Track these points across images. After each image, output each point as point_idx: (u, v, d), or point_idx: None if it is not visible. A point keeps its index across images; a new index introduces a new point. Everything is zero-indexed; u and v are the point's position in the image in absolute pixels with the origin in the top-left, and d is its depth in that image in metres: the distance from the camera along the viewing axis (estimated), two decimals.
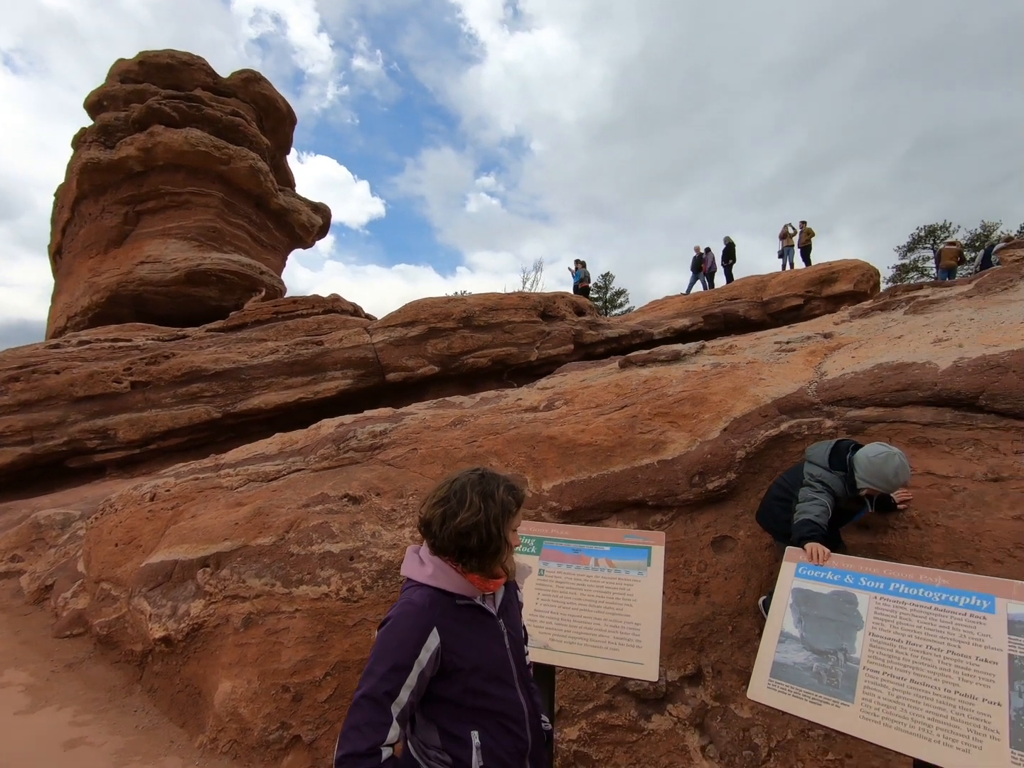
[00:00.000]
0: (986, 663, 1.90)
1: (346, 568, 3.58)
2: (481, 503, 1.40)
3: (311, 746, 3.19)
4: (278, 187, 15.51)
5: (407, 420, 4.74)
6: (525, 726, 1.44)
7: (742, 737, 2.98)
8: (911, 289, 5.42)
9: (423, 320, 10.33)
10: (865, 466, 2.67)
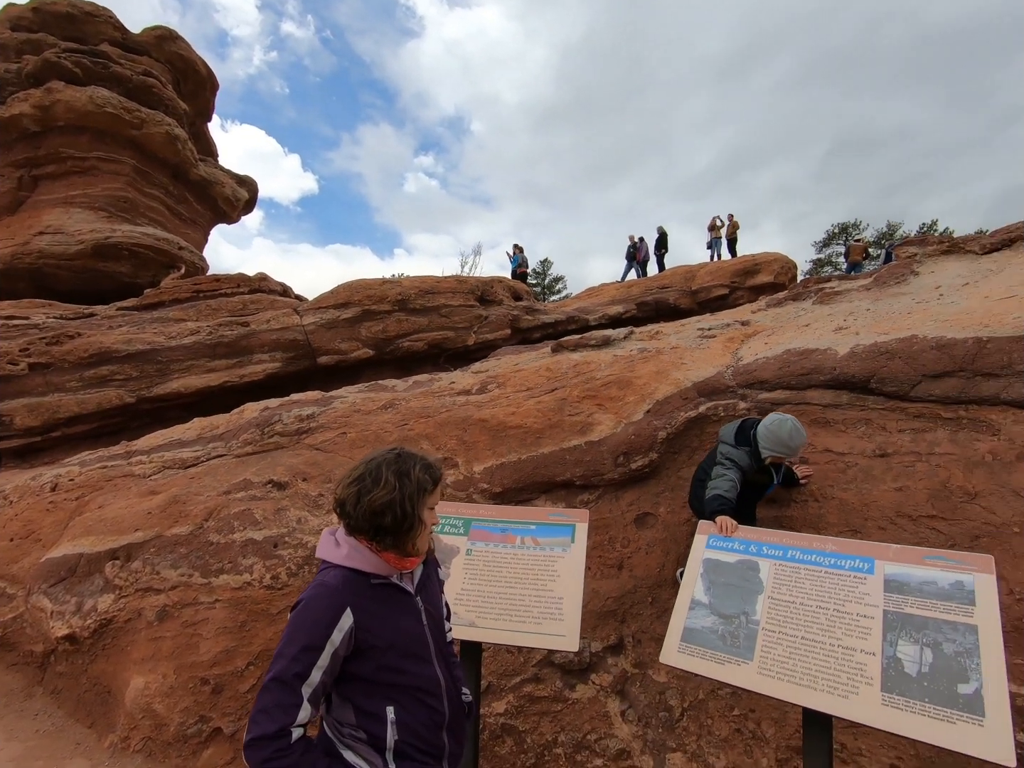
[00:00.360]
0: (865, 618, 2.11)
1: (270, 555, 3.47)
2: (396, 481, 1.39)
3: (233, 738, 3.11)
4: (198, 157, 14.50)
5: (336, 404, 4.63)
6: (442, 699, 1.46)
7: (658, 700, 3.17)
8: (821, 281, 5.82)
9: (357, 302, 10.05)
10: (765, 435, 2.88)
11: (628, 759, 3.07)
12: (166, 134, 12.81)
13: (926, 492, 2.84)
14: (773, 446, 2.85)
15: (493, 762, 3.14)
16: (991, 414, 2.79)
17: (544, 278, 37.76)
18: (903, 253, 5.02)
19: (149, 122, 12.54)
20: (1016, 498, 2.58)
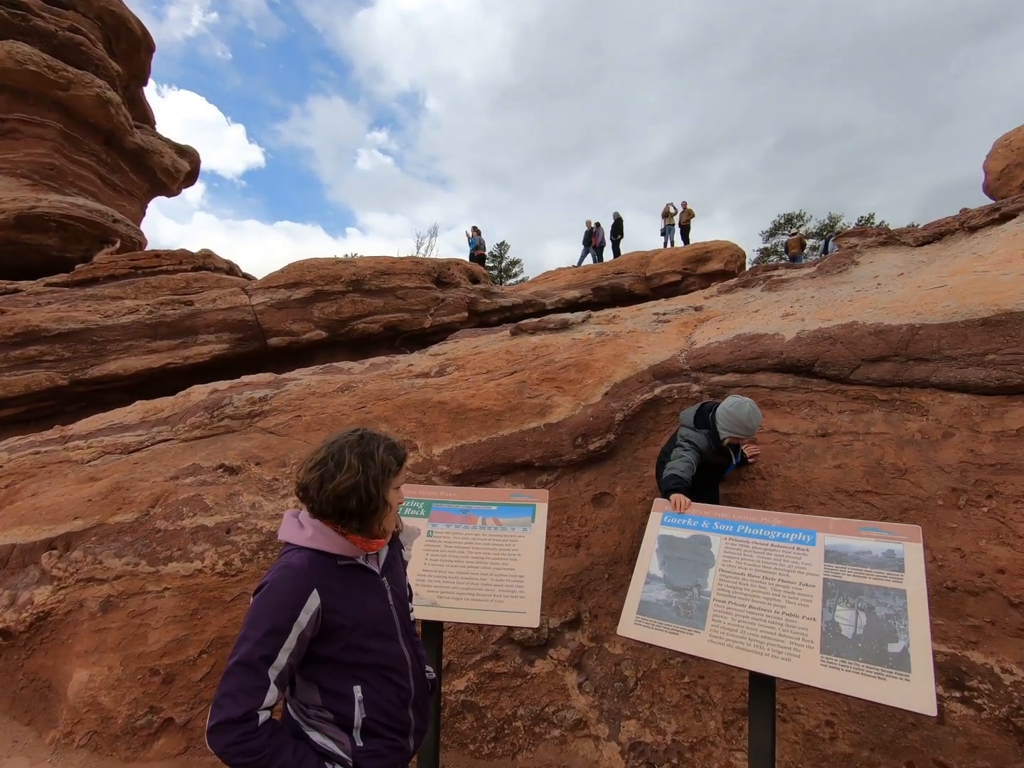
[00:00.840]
0: (806, 587, 2.25)
1: (222, 542, 3.37)
2: (360, 464, 1.38)
3: (185, 727, 3.04)
4: (134, 123, 13.57)
5: (290, 386, 4.50)
6: (408, 676, 1.48)
7: (614, 671, 3.29)
8: (769, 269, 6.04)
9: (309, 282, 9.73)
10: (724, 417, 3.00)
11: (584, 728, 3.18)
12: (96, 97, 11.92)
13: (862, 469, 3.03)
14: (732, 427, 2.97)
15: (454, 738, 3.19)
16: (921, 396, 2.99)
17: (501, 261, 37.61)
18: (844, 244, 5.27)
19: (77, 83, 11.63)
20: (941, 473, 2.79)
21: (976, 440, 2.75)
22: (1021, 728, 2.30)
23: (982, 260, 3.42)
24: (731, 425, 2.97)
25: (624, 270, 15.03)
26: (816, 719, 2.72)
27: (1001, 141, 7.75)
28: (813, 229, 33.65)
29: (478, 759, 3.15)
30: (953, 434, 2.83)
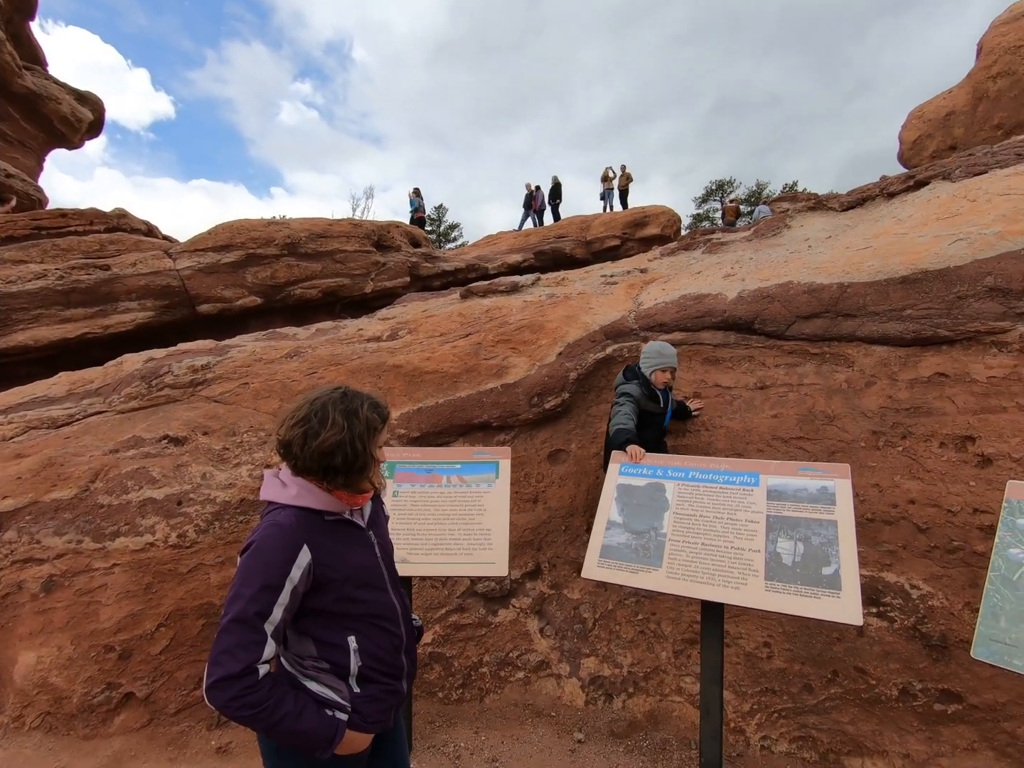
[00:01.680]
0: (751, 523, 2.46)
1: (174, 514, 3.26)
2: (344, 421, 1.38)
3: (147, 700, 2.98)
4: (21, 64, 12.07)
5: (234, 353, 4.31)
6: (399, 624, 1.53)
7: (573, 615, 3.49)
8: (707, 233, 6.27)
9: (240, 245, 9.19)
10: (643, 358, 3.37)
11: (547, 668, 3.38)
12: None
13: (796, 417, 3.30)
14: (650, 359, 3.32)
15: (423, 688, 3.31)
16: (848, 349, 3.27)
17: (440, 225, 36.75)
18: (778, 208, 5.54)
19: None
20: (864, 418, 3.08)
21: (894, 387, 3.05)
22: (925, 634, 2.66)
23: (901, 223, 3.72)
24: (649, 358, 3.32)
25: (565, 234, 15.11)
26: (755, 642, 3.02)
27: (915, 113, 8.29)
28: (742, 195, 34.89)
29: (447, 705, 3.29)
30: (875, 383, 3.12)
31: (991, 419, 2.72)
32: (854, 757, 2.73)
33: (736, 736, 2.95)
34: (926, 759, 2.58)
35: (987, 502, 2.60)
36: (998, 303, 2.80)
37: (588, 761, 2.81)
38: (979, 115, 6.84)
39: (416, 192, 16.02)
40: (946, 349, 2.94)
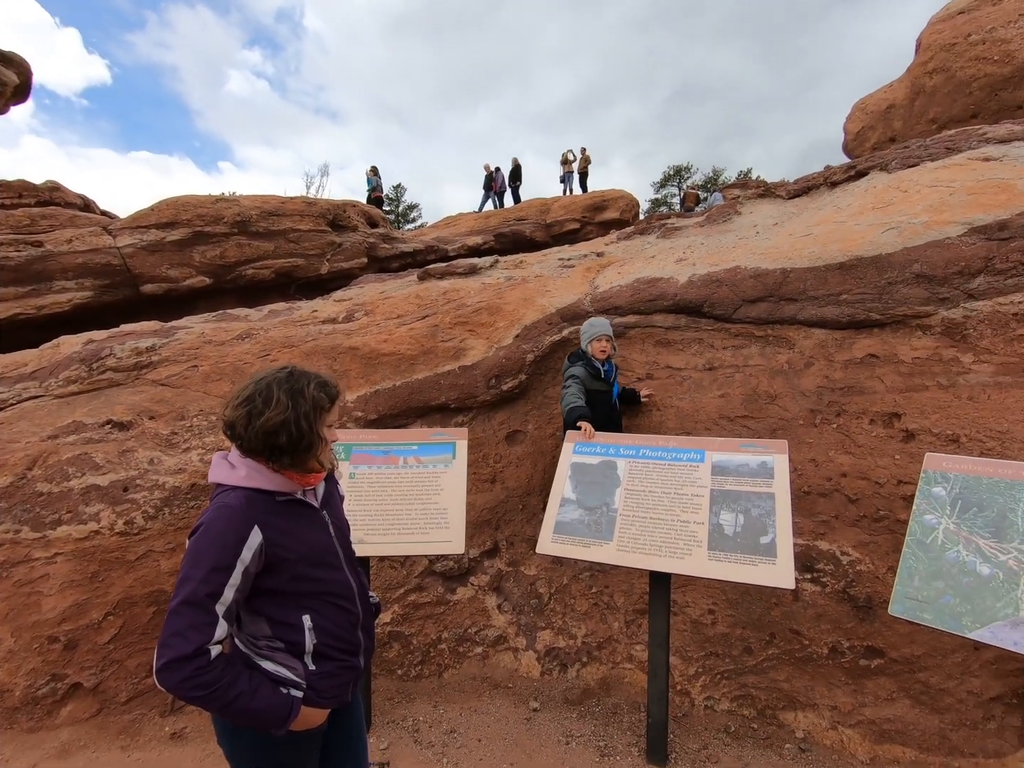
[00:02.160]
0: (697, 497, 2.59)
1: (120, 500, 3.17)
2: (289, 400, 1.37)
3: (96, 690, 2.92)
4: None
5: (181, 335, 4.17)
6: (355, 601, 1.55)
7: (530, 590, 3.59)
8: (663, 218, 6.39)
9: (186, 222, 8.79)
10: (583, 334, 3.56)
11: (505, 642, 3.48)
12: None
13: (741, 397, 3.45)
14: (585, 335, 3.52)
15: (382, 666, 3.35)
16: (789, 332, 3.43)
17: (398, 205, 35.99)
18: (730, 195, 5.69)
19: None
20: (803, 397, 3.26)
21: (830, 368, 3.23)
22: (853, 596, 2.87)
23: (840, 212, 3.90)
24: (585, 335, 3.52)
25: (525, 217, 15.08)
26: (701, 609, 3.19)
27: (858, 105, 8.62)
28: (699, 181, 35.52)
29: (406, 682, 3.35)
30: (813, 364, 3.29)
31: (915, 397, 2.93)
32: (788, 711, 2.94)
33: (682, 698, 3.12)
34: (851, 709, 2.80)
35: (910, 474, 2.80)
36: (923, 289, 2.99)
37: (543, 728, 2.92)
38: (916, 109, 7.18)
39: (374, 170, 15.63)
40: (877, 332, 3.13)
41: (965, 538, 2.06)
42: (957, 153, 3.86)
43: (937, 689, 2.69)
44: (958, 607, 1.95)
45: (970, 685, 2.64)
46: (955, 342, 2.91)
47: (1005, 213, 3.00)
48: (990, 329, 2.81)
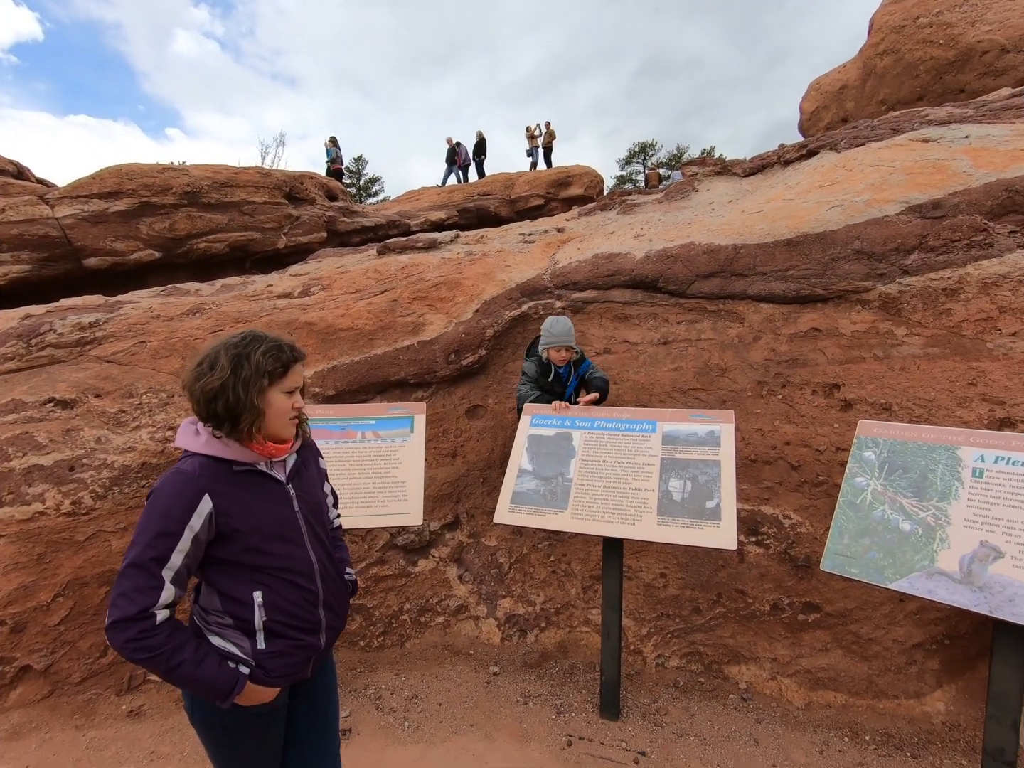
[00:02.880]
0: (648, 465, 2.68)
1: (66, 480, 3.07)
2: (230, 366, 1.33)
3: (47, 671, 2.87)
4: None
5: (127, 310, 4.01)
6: (315, 579, 1.50)
7: (490, 560, 3.67)
8: (623, 194, 6.43)
9: (131, 192, 8.36)
10: (541, 336, 3.24)
11: (466, 611, 3.56)
12: None
13: (694, 370, 3.56)
14: (543, 339, 3.22)
15: (344, 639, 3.39)
16: (739, 306, 3.55)
17: (359, 178, 34.95)
18: (688, 172, 5.76)
19: None
20: (751, 370, 3.39)
21: (777, 341, 3.36)
22: (793, 556, 3.04)
23: (791, 190, 4.01)
24: (543, 339, 3.21)
25: (489, 192, 14.89)
26: (653, 573, 3.33)
27: (814, 84, 8.78)
28: (664, 159, 35.66)
29: (368, 652, 3.40)
30: (761, 337, 3.42)
31: (853, 368, 3.08)
32: (733, 665, 3.12)
33: (635, 657, 3.27)
34: (789, 661, 3.00)
35: (847, 441, 2.96)
36: (863, 264, 3.13)
37: (502, 690, 3.02)
38: (867, 90, 7.37)
39: (333, 141, 15.11)
40: (820, 306, 3.26)
41: (890, 498, 2.21)
42: (900, 134, 4.00)
43: (866, 639, 2.90)
44: (882, 561, 2.11)
45: (895, 634, 2.85)
46: (890, 316, 3.06)
47: (939, 193, 3.15)
48: (922, 303, 2.96)
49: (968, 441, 2.16)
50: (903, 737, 2.63)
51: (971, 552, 1.95)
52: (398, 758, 2.53)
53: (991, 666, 1.94)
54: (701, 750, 2.58)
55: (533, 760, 2.52)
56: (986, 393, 2.73)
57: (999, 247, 2.89)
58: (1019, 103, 4.01)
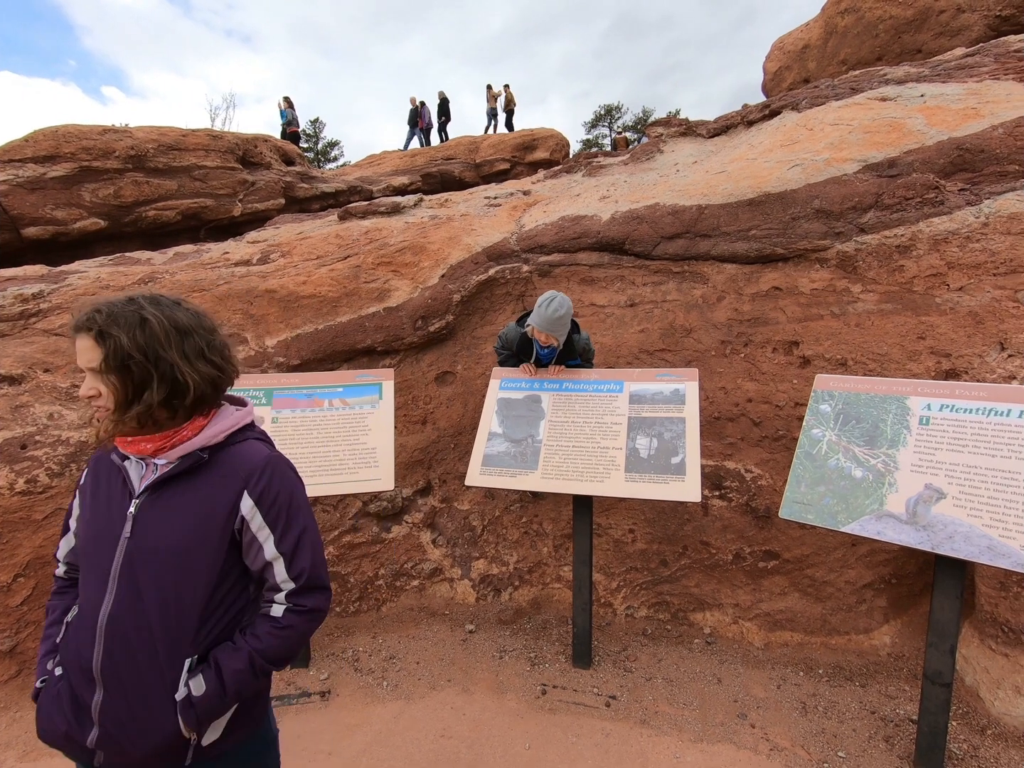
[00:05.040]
0: (616, 424, 2.73)
1: (18, 459, 2.96)
2: None
3: (12, 652, 2.81)
4: None
5: (73, 280, 3.81)
6: (95, 631, 1.07)
7: (463, 524, 3.71)
8: (590, 157, 6.35)
9: (69, 155, 7.84)
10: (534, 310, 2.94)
11: (440, 574, 3.62)
12: None
13: (659, 332, 3.61)
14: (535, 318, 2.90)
15: None
16: (704, 267, 3.58)
17: (317, 141, 33.53)
18: (652, 133, 5.71)
19: None
20: (715, 329, 3.45)
21: (740, 301, 3.42)
22: (754, 508, 3.17)
23: (754, 149, 4.03)
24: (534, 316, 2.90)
25: (453, 156, 14.52)
26: (622, 530, 3.43)
27: (776, 44, 8.74)
28: (630, 122, 35.25)
29: (344, 618, 3.43)
30: (724, 297, 3.48)
31: (811, 326, 3.17)
32: (697, 612, 3.28)
33: (606, 609, 3.40)
34: (750, 605, 3.16)
35: (805, 396, 3.07)
36: (822, 223, 3.19)
37: (478, 646, 3.11)
38: (829, 50, 7.38)
39: (287, 102, 14.39)
40: (781, 266, 3.32)
41: (844, 447, 2.31)
42: (859, 93, 4.04)
43: (821, 582, 3.07)
44: (835, 507, 2.22)
45: (847, 576, 3.03)
46: (847, 274, 3.15)
47: (895, 151, 3.21)
48: (876, 261, 3.05)
49: (916, 391, 2.26)
50: (853, 669, 2.82)
51: (916, 494, 2.07)
52: (379, 715, 2.60)
53: (932, 598, 2.09)
54: (668, 691, 2.72)
55: (510, 709, 2.61)
56: (934, 346, 2.85)
57: (949, 204, 2.98)
58: (972, 62, 4.08)
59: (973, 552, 1.89)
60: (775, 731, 2.45)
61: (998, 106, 3.31)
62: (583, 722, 2.52)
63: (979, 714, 2.47)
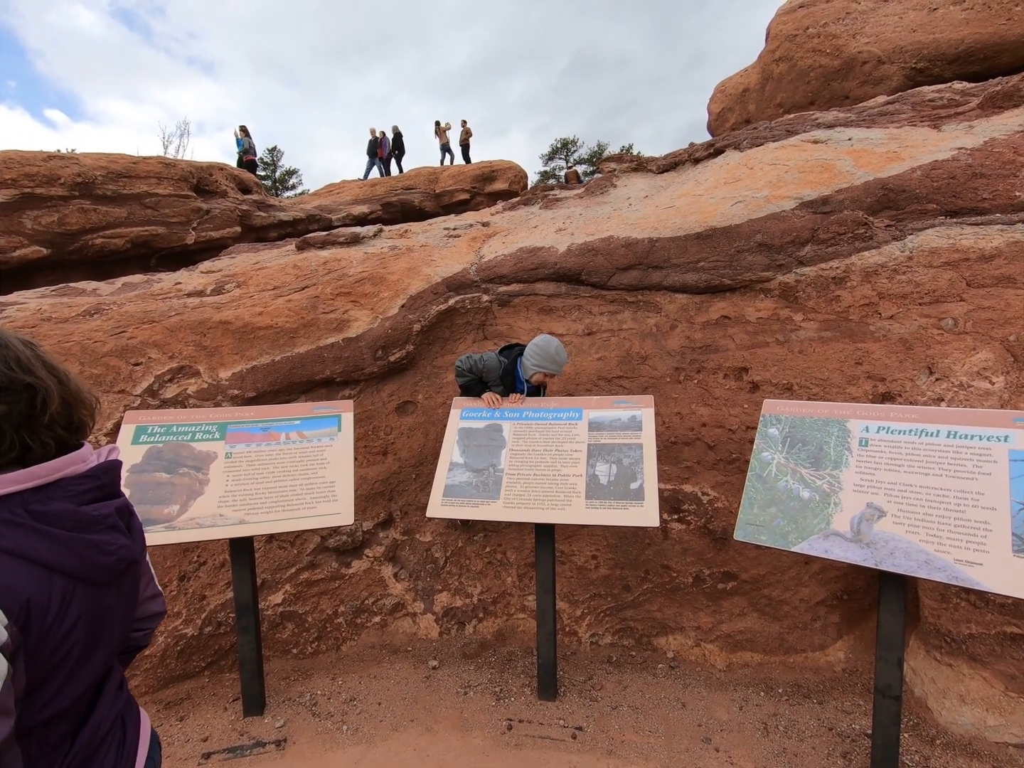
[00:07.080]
0: (576, 452, 2.77)
1: None
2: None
3: None
4: None
5: (11, 312, 3.64)
6: None
7: (426, 556, 3.66)
8: (546, 189, 6.54)
9: (10, 182, 7.56)
10: (535, 353, 3.04)
11: (403, 609, 3.54)
12: None
13: (616, 359, 3.71)
14: (543, 362, 3.02)
15: (276, 647, 3.28)
16: (656, 297, 3.72)
17: (274, 170, 33.32)
18: (606, 168, 5.94)
19: None
20: (669, 357, 3.57)
21: (691, 329, 3.56)
22: (712, 530, 3.25)
23: (700, 186, 4.25)
24: (543, 360, 3.02)
25: (414, 186, 14.69)
26: (585, 557, 3.45)
27: (719, 87, 9.30)
28: (585, 155, 36.51)
29: (302, 659, 3.31)
30: (677, 326, 3.61)
31: (759, 352, 3.32)
32: (661, 637, 3.30)
33: (571, 638, 3.39)
34: (712, 627, 3.21)
35: (755, 420, 3.19)
36: (765, 256, 3.37)
37: (442, 683, 3.04)
38: (767, 93, 7.91)
39: (244, 131, 14.31)
40: (729, 295, 3.49)
41: (792, 469, 2.41)
42: (794, 135, 4.33)
43: (778, 600, 3.15)
44: (786, 527, 2.30)
45: (802, 594, 3.12)
46: (789, 303, 3.33)
47: (827, 190, 3.45)
48: (815, 291, 3.24)
49: (856, 414, 2.39)
50: (810, 686, 2.89)
51: (859, 513, 2.17)
52: (338, 762, 2.49)
53: (878, 613, 2.18)
54: (634, 719, 2.71)
55: (475, 747, 2.55)
56: (870, 371, 3.03)
57: (878, 239, 3.21)
58: (892, 110, 4.45)
59: (912, 567, 1.99)
60: (738, 753, 2.47)
61: (916, 150, 3.61)
62: (549, 756, 2.48)
63: (929, 724, 2.57)
